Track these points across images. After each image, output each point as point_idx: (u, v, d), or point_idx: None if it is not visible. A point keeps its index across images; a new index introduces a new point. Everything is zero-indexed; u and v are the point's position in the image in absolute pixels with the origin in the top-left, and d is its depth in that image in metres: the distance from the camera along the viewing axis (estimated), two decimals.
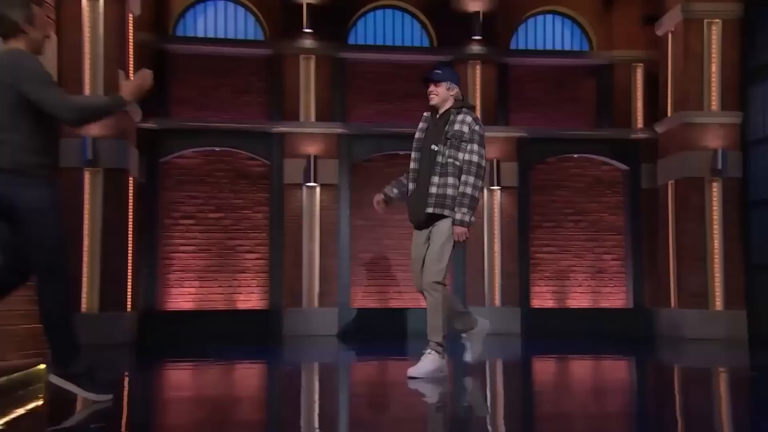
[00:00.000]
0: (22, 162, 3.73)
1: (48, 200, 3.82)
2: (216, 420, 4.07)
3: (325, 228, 11.11)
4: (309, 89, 11.32)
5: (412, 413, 4.30)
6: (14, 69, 3.75)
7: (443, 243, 5.09)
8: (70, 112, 3.79)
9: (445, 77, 5.22)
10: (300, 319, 10.82)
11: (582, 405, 4.84)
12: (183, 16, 11.54)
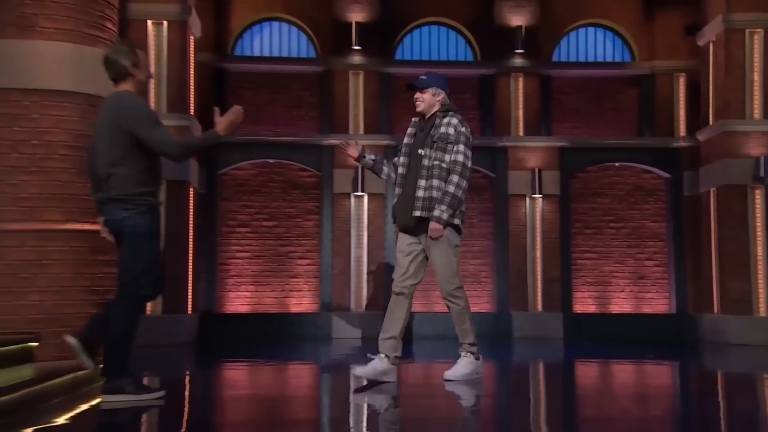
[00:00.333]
0: (128, 193, 4.09)
1: (145, 227, 4.14)
2: (269, 418, 4.22)
3: (372, 235, 11.21)
4: (357, 103, 11.48)
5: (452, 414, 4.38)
6: (124, 110, 4.09)
7: (449, 254, 4.89)
8: (173, 149, 4.15)
9: (430, 83, 5.05)
10: (347, 322, 10.92)
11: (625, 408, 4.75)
12: (241, 37, 11.86)
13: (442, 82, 5.14)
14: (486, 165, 11.47)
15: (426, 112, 5.01)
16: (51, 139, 5.44)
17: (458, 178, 4.81)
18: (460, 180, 4.82)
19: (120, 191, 4.11)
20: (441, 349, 9.41)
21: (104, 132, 4.17)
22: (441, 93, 5.04)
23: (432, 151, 4.84)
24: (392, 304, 5.01)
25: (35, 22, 5.47)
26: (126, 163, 4.10)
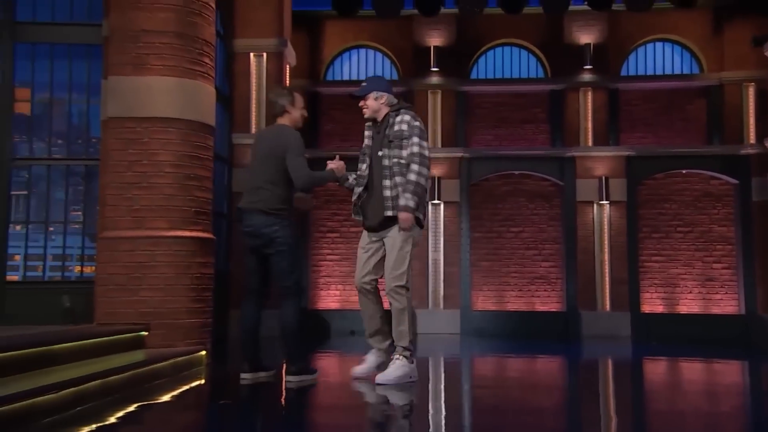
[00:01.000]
0: (279, 207, 4.64)
1: (291, 237, 4.70)
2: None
3: (448, 239, 11.28)
4: (436, 119, 11.61)
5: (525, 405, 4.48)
6: (283, 140, 4.71)
7: (401, 246, 4.57)
8: (303, 178, 4.67)
9: (368, 89, 4.82)
10: (427, 319, 11.06)
11: (695, 404, 4.67)
12: (332, 64, 12.24)
13: (382, 84, 4.94)
14: (555, 174, 11.38)
15: (376, 116, 4.83)
16: (158, 159, 5.81)
17: (418, 167, 4.55)
18: (420, 168, 4.57)
19: (270, 205, 4.63)
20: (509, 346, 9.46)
21: (264, 155, 4.75)
22: (383, 95, 4.81)
23: (390, 150, 4.64)
24: (361, 304, 4.84)
25: (147, 61, 5.88)
26: (278, 182, 4.65)
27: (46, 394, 3.55)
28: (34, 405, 3.43)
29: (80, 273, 7.12)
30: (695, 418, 4.03)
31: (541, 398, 4.79)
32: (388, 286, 4.60)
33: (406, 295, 4.60)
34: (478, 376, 6.43)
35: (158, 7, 5.92)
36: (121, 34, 5.97)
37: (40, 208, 7.14)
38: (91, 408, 3.87)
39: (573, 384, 5.92)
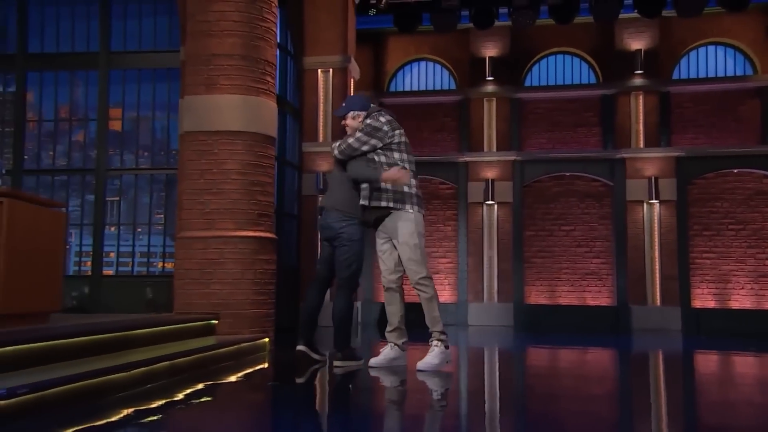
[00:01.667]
0: (347, 209, 4.80)
1: (356, 236, 4.84)
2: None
3: (502, 238, 11.18)
4: (491, 125, 11.54)
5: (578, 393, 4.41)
6: None
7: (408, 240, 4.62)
8: (351, 171, 4.79)
9: (345, 110, 4.90)
10: (482, 312, 11.03)
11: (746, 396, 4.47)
12: (395, 76, 12.36)
13: (358, 102, 4.94)
14: (605, 175, 11.09)
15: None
16: (226, 168, 6.09)
17: (337, 148, 4.72)
18: (338, 150, 4.71)
19: (341, 205, 4.80)
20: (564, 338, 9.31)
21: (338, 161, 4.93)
22: (360, 114, 4.83)
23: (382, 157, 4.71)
24: (386, 300, 4.88)
25: (217, 81, 6.19)
26: (350, 185, 4.80)
27: (126, 371, 3.84)
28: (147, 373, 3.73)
29: (162, 268, 7.49)
30: (746, 408, 3.90)
31: (594, 387, 4.72)
32: (412, 281, 4.66)
33: (430, 284, 4.67)
34: (531, 366, 6.34)
35: (227, 33, 6.21)
36: (195, 59, 6.30)
37: (129, 212, 7.57)
38: (168, 383, 4.15)
39: (624, 374, 5.78)
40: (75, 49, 7.67)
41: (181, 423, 3.43)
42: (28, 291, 4.40)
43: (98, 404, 3.47)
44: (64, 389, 3.33)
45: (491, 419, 3.50)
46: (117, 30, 7.60)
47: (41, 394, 3.17)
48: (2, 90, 7.83)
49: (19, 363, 3.54)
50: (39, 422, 3.04)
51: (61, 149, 7.72)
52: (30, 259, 4.40)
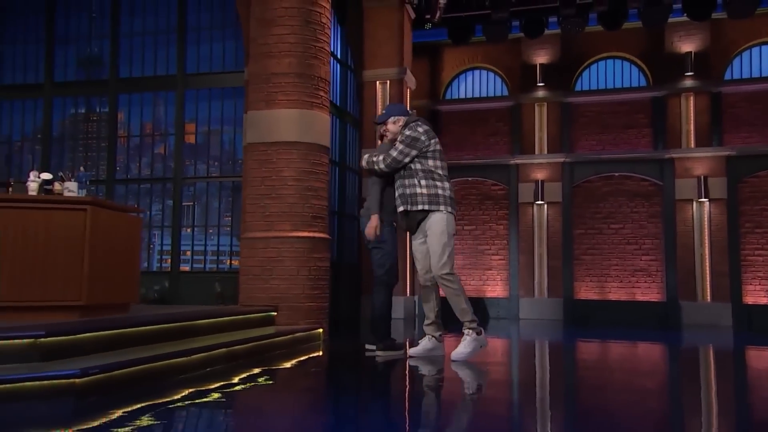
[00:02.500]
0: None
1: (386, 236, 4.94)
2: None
3: (552, 236, 11.00)
4: (542, 128, 11.35)
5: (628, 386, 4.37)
6: None
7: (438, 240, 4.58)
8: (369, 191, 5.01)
9: (386, 116, 4.88)
10: (533, 306, 10.87)
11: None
12: (450, 85, 12.34)
13: (397, 109, 4.93)
14: (655, 174, 10.72)
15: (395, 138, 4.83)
16: (283, 175, 6.33)
17: (382, 162, 4.68)
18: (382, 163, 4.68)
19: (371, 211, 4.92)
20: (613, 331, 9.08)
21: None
22: (401, 118, 4.83)
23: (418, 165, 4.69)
24: (424, 296, 4.92)
25: (275, 97, 6.44)
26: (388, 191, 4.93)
27: (186, 356, 4.12)
28: (208, 358, 4.02)
29: (230, 265, 7.77)
30: None
31: (643, 380, 4.60)
32: (435, 275, 4.64)
33: (454, 279, 4.65)
34: (581, 359, 6.21)
35: (284, 54, 6.46)
36: (257, 78, 6.58)
37: (201, 215, 7.92)
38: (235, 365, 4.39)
39: (674, 368, 5.58)
40: (157, 73, 8.10)
41: (240, 402, 3.57)
42: (109, 285, 4.75)
43: (161, 384, 3.69)
44: (130, 371, 3.61)
45: (542, 408, 3.51)
46: (191, 55, 7.98)
47: (110, 374, 3.45)
48: (98, 110, 8.37)
49: (98, 347, 3.85)
50: (106, 398, 3.31)
51: (146, 161, 8.15)
52: (111, 258, 4.74)
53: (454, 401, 3.73)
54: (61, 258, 4.30)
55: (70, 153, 8.40)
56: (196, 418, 3.22)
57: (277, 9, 6.44)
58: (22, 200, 4.38)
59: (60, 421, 2.95)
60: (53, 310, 4.28)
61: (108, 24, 8.19)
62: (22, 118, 8.55)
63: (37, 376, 3.16)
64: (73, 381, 3.22)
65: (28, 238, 4.25)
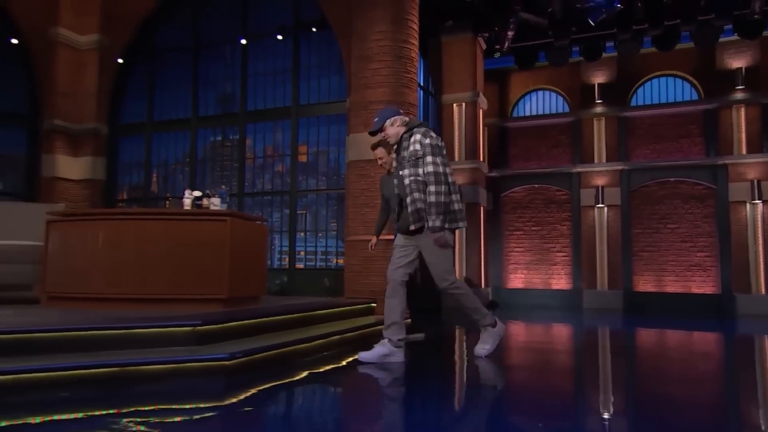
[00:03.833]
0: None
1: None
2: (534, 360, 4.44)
3: (611, 235, 10.38)
4: (600, 140, 10.76)
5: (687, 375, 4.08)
6: None
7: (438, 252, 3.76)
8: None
9: (381, 122, 3.94)
10: (595, 297, 10.31)
11: None
12: (516, 104, 11.95)
13: (390, 111, 3.98)
14: (708, 179, 9.89)
15: (397, 139, 3.92)
16: (377, 187, 6.29)
17: (435, 187, 3.66)
18: (437, 187, 3.66)
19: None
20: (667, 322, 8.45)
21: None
22: (396, 119, 3.92)
23: (407, 169, 3.75)
24: (388, 295, 3.95)
25: (372, 122, 6.49)
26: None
27: (309, 342, 4.15)
28: (324, 344, 4.05)
29: (336, 263, 7.81)
30: None
31: (701, 364, 4.24)
32: (440, 286, 3.83)
33: (459, 285, 3.85)
34: (640, 346, 5.81)
35: (379, 85, 6.43)
36: (357, 106, 6.59)
37: (312, 221, 8.02)
38: (338, 352, 4.36)
39: (730, 355, 5.14)
40: (276, 105, 8.31)
41: (346, 379, 3.58)
42: (244, 281, 4.85)
43: (289, 365, 3.72)
44: (265, 355, 3.65)
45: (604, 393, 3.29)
46: (303, 89, 8.11)
47: (251, 357, 3.51)
48: (231, 138, 8.68)
49: (239, 334, 3.92)
50: (248, 377, 3.36)
51: (268, 177, 8.34)
52: (245, 259, 4.84)
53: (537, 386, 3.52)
54: (208, 260, 4.42)
55: (211, 172, 8.77)
56: (321, 392, 3.25)
57: (374, 47, 6.42)
58: (179, 214, 4.56)
59: (216, 395, 3.02)
60: (203, 302, 4.40)
61: (238, 68, 8.49)
62: (175, 146, 9.03)
63: (198, 359, 3.24)
64: (224, 363, 3.28)
65: (184, 244, 4.41)
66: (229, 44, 8.61)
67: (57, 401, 2.72)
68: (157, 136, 9.09)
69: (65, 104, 8.79)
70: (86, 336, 3.26)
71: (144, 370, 3.11)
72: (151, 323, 3.46)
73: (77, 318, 3.70)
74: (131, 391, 2.94)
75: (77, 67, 8.95)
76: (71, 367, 2.94)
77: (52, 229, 4.66)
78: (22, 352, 3.06)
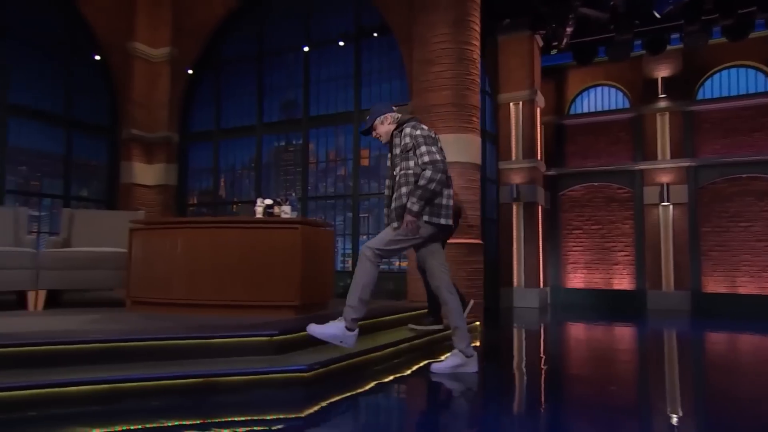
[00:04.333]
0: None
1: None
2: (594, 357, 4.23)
3: (678, 233, 9.72)
4: (664, 135, 10.10)
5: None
6: None
7: (394, 234, 3.44)
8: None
9: (371, 120, 3.65)
10: (660, 298, 9.71)
11: None
12: (574, 101, 11.42)
13: (380, 108, 3.68)
14: None
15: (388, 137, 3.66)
16: None
17: (430, 172, 3.34)
18: (433, 173, 3.34)
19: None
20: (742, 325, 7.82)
21: None
22: (387, 116, 3.64)
23: (399, 164, 3.51)
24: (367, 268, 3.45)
25: (434, 125, 6.19)
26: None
27: (380, 350, 4.02)
28: (394, 351, 3.91)
29: (399, 266, 7.69)
30: None
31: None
32: (364, 253, 3.43)
33: (373, 259, 3.39)
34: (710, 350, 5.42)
35: (442, 88, 6.23)
36: (419, 109, 6.41)
37: (375, 225, 7.91)
38: (414, 356, 4.26)
39: None
40: (338, 110, 8.25)
41: (420, 388, 3.44)
42: (314, 287, 4.78)
43: (363, 374, 3.62)
44: (340, 365, 3.55)
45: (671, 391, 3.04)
46: (365, 94, 8.00)
47: (327, 368, 3.41)
48: (294, 143, 8.69)
49: (313, 342, 3.84)
50: (325, 387, 3.26)
51: (330, 181, 8.30)
52: (314, 264, 4.77)
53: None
54: (280, 267, 4.38)
55: (275, 177, 8.83)
56: (397, 402, 3.16)
57: (436, 50, 6.21)
58: (252, 222, 4.54)
59: (295, 405, 2.95)
60: (275, 308, 4.36)
61: (301, 75, 8.48)
62: (241, 152, 9.15)
63: (278, 370, 3.18)
64: (302, 374, 3.20)
65: (257, 252, 4.38)
66: (292, 52, 8.61)
67: (150, 410, 2.76)
68: (224, 143, 9.24)
69: (140, 114, 9.07)
70: (171, 345, 3.28)
71: (227, 381, 3.07)
72: (230, 333, 3.43)
73: (160, 325, 3.74)
74: (215, 400, 2.93)
75: (151, 78, 9.22)
76: (161, 377, 2.96)
77: (134, 236, 4.75)
78: (116, 360, 3.12)
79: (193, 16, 9.24)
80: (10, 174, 7.55)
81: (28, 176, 7.91)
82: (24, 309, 4.71)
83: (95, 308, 4.83)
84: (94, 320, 4.04)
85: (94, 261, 4.93)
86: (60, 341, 3.06)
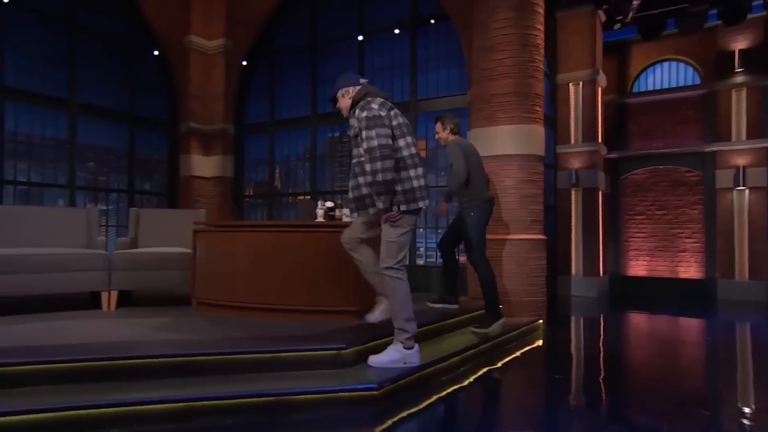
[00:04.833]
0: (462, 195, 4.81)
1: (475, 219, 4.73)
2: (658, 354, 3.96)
3: (754, 220, 8.95)
4: (740, 114, 9.22)
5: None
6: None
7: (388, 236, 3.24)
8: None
9: (335, 90, 3.37)
10: (732, 288, 9.03)
11: None
12: (637, 78, 10.63)
13: (345, 80, 3.34)
14: None
15: (347, 114, 3.36)
16: (504, 184, 5.79)
17: (370, 165, 3.07)
18: (372, 165, 3.06)
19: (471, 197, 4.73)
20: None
21: (479, 163, 4.85)
22: (348, 90, 3.31)
23: (354, 149, 3.27)
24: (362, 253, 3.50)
25: (495, 116, 5.89)
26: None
27: (445, 361, 3.84)
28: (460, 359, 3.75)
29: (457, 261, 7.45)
30: None
31: None
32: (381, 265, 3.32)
33: (394, 275, 3.26)
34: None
35: (503, 76, 5.85)
36: (479, 99, 6.06)
37: (431, 218, 7.70)
38: (481, 361, 4.14)
39: None
40: (393, 100, 7.89)
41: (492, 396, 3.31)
42: (368, 290, 4.64)
43: (431, 385, 3.48)
44: (407, 380, 3.39)
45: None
46: (421, 83, 7.68)
47: (396, 384, 3.27)
48: (348, 133, 8.50)
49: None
50: (394, 402, 3.15)
51: None
52: None
53: None
54: (340, 271, 4.25)
55: (330, 168, 8.71)
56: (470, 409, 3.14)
57: (497, 36, 5.81)
58: (313, 226, 4.43)
59: (367, 422, 2.90)
60: (336, 314, 4.27)
61: (355, 64, 8.23)
62: (295, 143, 9.07)
63: (348, 388, 3.08)
64: (372, 393, 3.08)
65: (318, 256, 4.28)
66: (345, 41, 8.35)
67: (225, 428, 2.75)
68: (278, 134, 9.18)
69: (197, 107, 9.12)
70: (238, 359, 3.24)
71: (298, 399, 3.00)
72: (299, 347, 3.36)
73: (228, 332, 3.71)
74: (288, 418, 2.88)
75: (206, 71, 9.22)
76: (234, 396, 2.91)
77: (198, 238, 4.74)
78: (188, 374, 3.12)
79: (247, 6, 9.12)
80: (79, 171, 7.79)
81: (95, 172, 8.14)
82: (98, 308, 4.83)
83: (164, 308, 4.90)
84: (165, 325, 4.07)
85: (161, 262, 4.98)
86: (135, 356, 3.07)
